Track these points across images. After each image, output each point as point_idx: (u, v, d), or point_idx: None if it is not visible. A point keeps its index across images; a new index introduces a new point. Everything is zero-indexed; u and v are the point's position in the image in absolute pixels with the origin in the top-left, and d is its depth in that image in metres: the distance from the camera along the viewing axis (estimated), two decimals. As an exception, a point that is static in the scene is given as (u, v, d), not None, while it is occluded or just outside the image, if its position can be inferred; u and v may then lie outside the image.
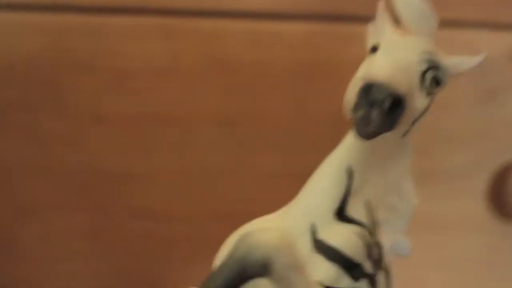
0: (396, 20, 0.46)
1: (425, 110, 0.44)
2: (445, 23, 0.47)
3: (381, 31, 0.46)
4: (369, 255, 0.43)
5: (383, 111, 0.40)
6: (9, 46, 0.69)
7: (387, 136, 0.43)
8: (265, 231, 0.41)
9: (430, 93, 0.44)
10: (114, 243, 0.70)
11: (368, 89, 0.40)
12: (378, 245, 0.44)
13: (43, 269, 0.70)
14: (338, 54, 0.69)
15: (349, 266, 0.42)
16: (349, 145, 0.45)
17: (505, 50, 0.70)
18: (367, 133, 0.40)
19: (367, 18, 0.48)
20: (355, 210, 0.44)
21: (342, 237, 0.43)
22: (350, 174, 0.44)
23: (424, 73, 0.43)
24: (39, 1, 0.68)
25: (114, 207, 0.69)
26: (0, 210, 0.69)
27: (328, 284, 0.42)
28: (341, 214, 0.44)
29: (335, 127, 0.68)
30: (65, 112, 0.69)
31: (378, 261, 0.43)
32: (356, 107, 0.40)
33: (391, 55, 0.42)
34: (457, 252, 0.73)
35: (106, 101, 0.69)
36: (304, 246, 0.43)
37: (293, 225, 0.43)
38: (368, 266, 0.43)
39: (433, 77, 0.43)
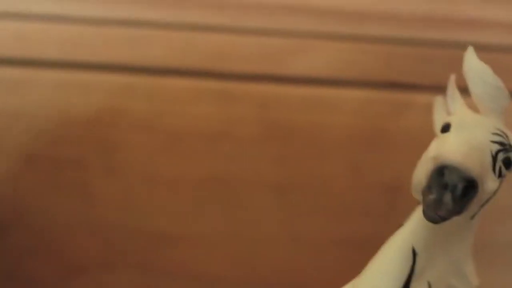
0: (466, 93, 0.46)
1: (495, 193, 0.43)
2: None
3: (451, 107, 0.45)
4: None
5: (457, 195, 0.38)
6: (66, 104, 0.69)
7: (454, 219, 0.42)
8: None
9: (500, 175, 0.43)
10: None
11: (441, 172, 0.38)
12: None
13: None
14: (394, 122, 0.68)
15: None
16: (414, 226, 0.43)
17: None
18: (437, 217, 0.39)
19: (424, 87, 0.48)
20: None
21: None
22: (414, 255, 0.43)
23: (496, 155, 0.42)
24: (98, 61, 0.69)
25: (163, 269, 0.69)
26: (49, 268, 0.69)
27: None
28: None
29: (389, 195, 0.68)
30: (117, 172, 0.69)
31: None
32: (428, 190, 0.39)
33: (463, 135, 0.41)
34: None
35: (158, 162, 0.69)
36: None
37: None
38: None
39: (505, 158, 0.42)
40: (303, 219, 0.69)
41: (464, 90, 0.44)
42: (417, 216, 0.43)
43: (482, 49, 0.44)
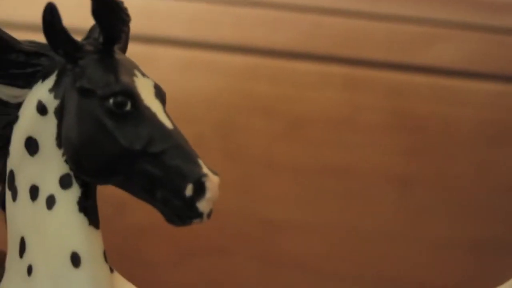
0: None
1: None
2: None
3: None
4: None
5: None
6: (191, 84, 0.68)
7: None
8: None
9: None
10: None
11: None
12: None
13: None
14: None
15: None
16: None
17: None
18: None
19: None
20: None
21: None
22: None
23: None
24: (223, 41, 0.68)
25: (273, 257, 0.67)
26: (162, 249, 0.69)
27: None
28: None
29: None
30: (236, 155, 0.67)
31: None
32: None
33: None
34: None
35: (278, 148, 0.67)
36: None
37: None
38: None
39: None
40: (425, 216, 0.66)
41: None
42: None
43: None
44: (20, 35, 0.38)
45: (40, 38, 0.36)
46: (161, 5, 0.68)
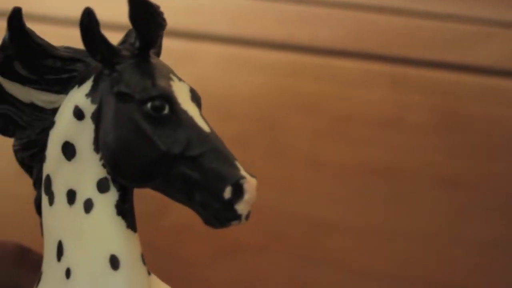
0: None
1: None
2: None
3: None
4: None
5: None
6: (233, 81, 0.68)
7: None
8: None
9: None
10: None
11: None
12: None
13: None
14: None
15: None
16: None
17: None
18: None
19: None
20: None
21: None
22: None
23: None
24: (269, 39, 0.67)
25: (313, 256, 0.67)
26: (203, 248, 0.68)
27: None
28: None
29: None
30: (279, 154, 0.67)
31: None
32: None
33: None
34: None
35: (322, 147, 0.67)
36: None
37: None
38: None
39: None
40: (472, 218, 0.65)
41: None
42: None
43: None
44: (46, 28, 0.38)
45: (68, 31, 0.36)
46: (204, 1, 0.67)
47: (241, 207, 0.34)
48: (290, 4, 0.66)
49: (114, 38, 0.37)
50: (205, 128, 0.35)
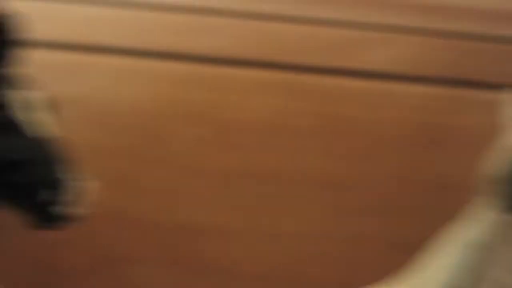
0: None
1: None
2: None
3: None
4: None
5: None
6: (120, 92, 0.68)
7: None
8: None
9: None
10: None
11: None
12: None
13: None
14: (454, 120, 0.65)
15: None
16: (481, 220, 0.41)
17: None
18: None
19: (490, 85, 0.45)
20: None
21: None
22: (480, 252, 0.41)
23: None
24: (158, 49, 0.68)
25: (200, 263, 0.65)
26: (79, 259, 0.66)
27: None
28: None
29: (445, 194, 0.64)
30: (164, 162, 0.66)
31: None
32: (506, 180, 0.38)
33: None
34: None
35: (208, 153, 0.66)
36: None
37: None
38: None
39: None
40: (355, 217, 0.66)
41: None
42: (485, 210, 0.41)
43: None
44: None
45: None
46: (97, 13, 0.68)
47: (64, 209, 0.36)
48: (178, 13, 0.66)
49: None
50: (39, 134, 0.36)
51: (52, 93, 0.44)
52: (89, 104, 0.65)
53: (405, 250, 0.58)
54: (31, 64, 0.45)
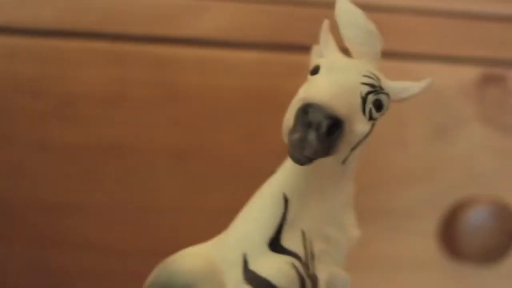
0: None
1: (366, 136, 0.42)
2: (396, 55, 0.45)
3: (324, 52, 0.44)
4: (302, 287, 0.40)
5: (321, 134, 0.37)
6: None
7: (326, 162, 0.40)
8: (188, 257, 0.39)
9: (371, 118, 0.41)
10: (54, 277, 0.67)
11: (305, 111, 0.38)
12: (313, 278, 0.41)
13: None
14: (288, 84, 0.66)
15: None
16: (285, 172, 0.42)
17: (457, 84, 0.69)
18: (302, 157, 0.38)
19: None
20: (290, 240, 0.41)
21: (274, 269, 0.40)
22: (285, 202, 0.41)
23: (365, 96, 0.41)
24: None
25: (53, 239, 0.67)
26: None
27: None
28: (276, 244, 0.41)
29: (282, 157, 0.67)
30: (7, 138, 0.66)
31: None
32: (293, 129, 0.38)
33: (331, 76, 0.40)
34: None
35: (51, 128, 0.66)
36: (235, 277, 0.40)
37: (225, 254, 0.41)
38: None
39: (375, 100, 0.41)
40: (201, 187, 0.67)
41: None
42: (288, 162, 0.42)
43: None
44: None
45: None
46: None
47: None
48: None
49: None
50: None
51: None
52: None
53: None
54: None
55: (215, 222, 0.69)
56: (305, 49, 0.67)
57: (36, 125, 0.67)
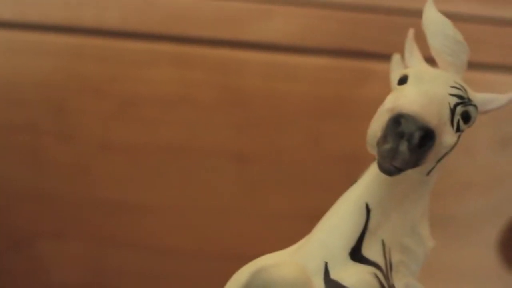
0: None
1: (452, 147, 0.41)
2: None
3: (409, 61, 0.43)
4: None
5: (413, 145, 0.37)
6: (19, 66, 0.67)
7: (411, 173, 0.40)
8: (282, 266, 0.38)
9: (458, 129, 0.41)
10: (111, 276, 0.67)
11: (397, 121, 0.37)
12: (392, 289, 0.41)
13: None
14: (356, 91, 0.66)
15: None
16: (368, 181, 0.41)
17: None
18: (392, 168, 0.37)
19: (387, 56, 0.46)
20: (371, 250, 0.41)
21: (357, 279, 0.39)
22: (367, 212, 0.41)
23: (454, 108, 0.40)
24: (49, 21, 0.66)
25: (113, 239, 0.67)
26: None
27: None
28: (357, 254, 0.41)
29: (349, 166, 0.66)
30: (70, 138, 0.66)
31: None
32: (383, 139, 0.37)
33: (421, 86, 0.39)
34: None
35: (113, 128, 0.67)
36: (317, 286, 0.39)
37: (306, 263, 0.40)
38: None
39: (463, 112, 0.40)
40: (261, 191, 0.67)
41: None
42: (372, 171, 0.41)
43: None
44: None
45: None
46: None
47: None
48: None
49: None
50: None
51: None
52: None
53: (314, 223, 0.61)
54: None
55: (276, 227, 0.69)
56: (373, 56, 0.66)
57: (99, 125, 0.67)
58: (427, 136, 0.37)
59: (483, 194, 0.68)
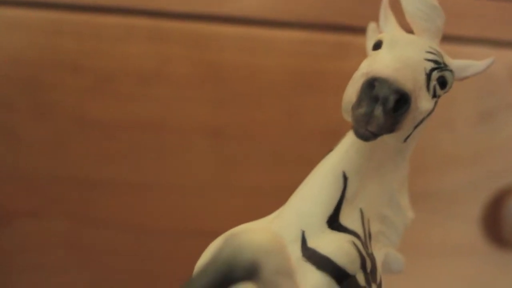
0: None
1: (429, 113, 0.41)
2: (446, 38, 0.44)
3: (384, 27, 0.43)
4: (363, 266, 0.39)
5: (387, 109, 0.36)
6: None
7: (387, 140, 0.39)
8: (254, 231, 0.38)
9: (435, 95, 0.40)
10: (90, 253, 0.67)
11: (371, 85, 0.36)
12: (372, 258, 0.40)
13: (17, 279, 0.67)
14: (333, 65, 0.65)
15: (341, 277, 0.38)
16: (345, 149, 0.41)
17: (505, 68, 0.67)
18: (367, 133, 0.37)
19: (363, 29, 0.46)
20: (348, 218, 0.40)
21: (334, 246, 0.39)
22: (344, 180, 0.40)
23: (430, 72, 0.39)
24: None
25: (91, 216, 0.66)
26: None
27: None
28: (334, 222, 0.40)
29: (327, 140, 0.66)
30: (46, 114, 0.66)
31: (372, 274, 0.39)
32: (357, 104, 0.37)
33: (396, 51, 0.39)
34: (449, 278, 0.69)
35: (89, 104, 0.66)
36: (294, 254, 0.39)
37: (282, 231, 0.39)
38: (361, 279, 0.39)
39: (439, 77, 0.40)
40: (239, 166, 0.66)
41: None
42: (348, 139, 0.41)
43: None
44: None
45: None
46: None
47: None
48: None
49: None
50: None
51: None
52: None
53: (288, 195, 0.60)
54: None
55: (253, 201, 0.68)
56: (349, 29, 0.66)
57: (75, 101, 0.66)
58: (402, 100, 0.37)
59: (465, 168, 0.68)
